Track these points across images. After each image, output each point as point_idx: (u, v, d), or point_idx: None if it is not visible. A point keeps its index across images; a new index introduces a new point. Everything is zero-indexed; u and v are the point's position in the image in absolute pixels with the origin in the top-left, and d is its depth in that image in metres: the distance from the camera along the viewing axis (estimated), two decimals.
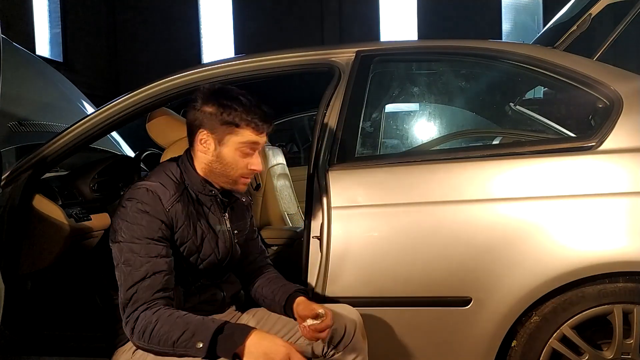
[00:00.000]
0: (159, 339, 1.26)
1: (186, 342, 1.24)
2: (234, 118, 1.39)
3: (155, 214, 1.36)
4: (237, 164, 1.43)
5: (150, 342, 1.28)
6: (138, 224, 1.34)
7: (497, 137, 2.28)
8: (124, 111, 1.92)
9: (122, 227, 1.36)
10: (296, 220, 3.15)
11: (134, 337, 1.31)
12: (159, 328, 1.27)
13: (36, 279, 2.16)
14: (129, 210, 1.36)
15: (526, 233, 1.57)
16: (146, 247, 1.33)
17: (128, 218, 1.36)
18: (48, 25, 9.67)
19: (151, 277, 1.31)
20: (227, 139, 1.41)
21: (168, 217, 1.38)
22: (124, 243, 1.35)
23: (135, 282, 1.31)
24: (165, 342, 1.26)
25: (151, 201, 1.37)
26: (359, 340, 1.51)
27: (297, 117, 4.38)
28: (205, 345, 1.23)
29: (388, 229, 1.65)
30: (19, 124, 2.20)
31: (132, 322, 1.30)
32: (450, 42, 1.94)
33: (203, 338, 1.23)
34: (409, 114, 2.79)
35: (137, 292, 1.30)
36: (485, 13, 10.13)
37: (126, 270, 1.33)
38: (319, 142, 1.76)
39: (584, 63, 1.78)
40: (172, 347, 1.26)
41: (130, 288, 1.31)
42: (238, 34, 10.86)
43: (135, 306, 1.30)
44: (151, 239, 1.34)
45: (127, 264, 1.33)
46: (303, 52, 1.93)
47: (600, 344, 1.64)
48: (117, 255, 1.36)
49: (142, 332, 1.28)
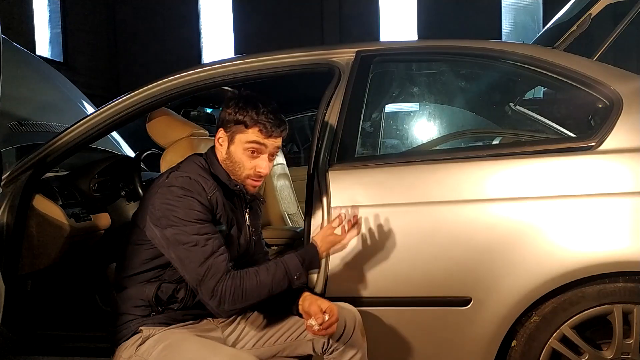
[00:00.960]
0: (255, 292, 1.39)
1: (281, 282, 1.42)
2: (244, 117, 1.47)
3: (200, 199, 1.42)
4: (244, 164, 1.49)
5: (245, 300, 1.38)
6: (186, 208, 1.40)
7: (497, 137, 2.28)
8: (124, 111, 1.92)
9: (169, 213, 1.40)
10: (296, 220, 3.16)
11: (225, 304, 1.37)
12: (249, 284, 1.38)
13: (36, 279, 2.16)
14: (174, 196, 1.42)
15: (526, 233, 1.57)
16: (200, 227, 1.40)
17: (174, 203, 1.41)
18: (48, 25, 9.67)
19: (217, 252, 1.39)
20: (237, 138, 1.48)
21: (210, 203, 1.45)
22: (177, 227, 1.39)
23: (206, 257, 1.37)
24: (259, 292, 1.39)
25: (195, 187, 1.43)
26: (358, 338, 1.52)
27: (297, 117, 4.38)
28: (302, 273, 1.45)
29: (388, 229, 1.65)
30: (19, 124, 2.20)
31: (211, 292, 1.37)
32: (450, 42, 1.94)
33: (297, 270, 1.44)
34: (409, 114, 2.79)
35: (210, 267, 1.37)
36: (485, 13, 10.13)
37: (190, 250, 1.38)
38: (319, 142, 1.76)
39: (584, 63, 1.78)
40: (267, 292, 1.40)
41: (202, 265, 1.37)
42: (238, 34, 10.86)
43: (216, 279, 1.37)
44: (201, 220, 1.41)
45: (190, 245, 1.38)
46: (303, 52, 1.94)
47: (600, 344, 1.64)
48: (172, 239, 1.40)
49: (237, 296, 1.37)
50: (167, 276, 1.48)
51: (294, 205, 3.28)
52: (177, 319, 1.49)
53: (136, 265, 1.49)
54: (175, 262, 1.42)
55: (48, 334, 2.00)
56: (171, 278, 1.48)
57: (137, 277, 1.49)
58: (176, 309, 1.48)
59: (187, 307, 1.49)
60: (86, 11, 10.28)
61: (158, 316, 1.47)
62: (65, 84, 2.93)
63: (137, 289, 1.48)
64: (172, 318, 1.48)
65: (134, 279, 1.49)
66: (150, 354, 1.40)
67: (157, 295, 1.46)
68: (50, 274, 2.18)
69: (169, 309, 1.48)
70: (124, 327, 1.48)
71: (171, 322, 1.48)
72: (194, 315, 1.51)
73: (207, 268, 1.37)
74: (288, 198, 3.23)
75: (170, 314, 1.48)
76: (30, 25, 8.80)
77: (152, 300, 1.46)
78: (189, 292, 1.47)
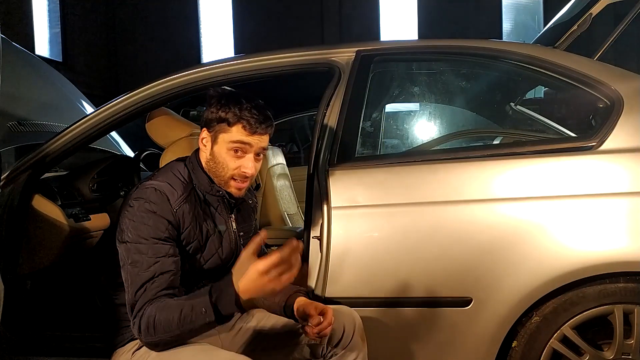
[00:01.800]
0: (163, 327, 1.28)
1: (189, 315, 1.26)
2: (226, 115, 1.39)
3: (163, 214, 1.36)
4: (228, 164, 1.42)
5: (156, 333, 1.28)
6: (145, 224, 1.34)
7: (498, 137, 2.28)
8: (123, 111, 1.91)
9: (130, 226, 1.35)
10: (296, 220, 3.15)
11: (141, 335, 1.31)
12: (159, 317, 1.28)
13: (36, 279, 2.16)
14: (137, 210, 1.36)
15: (527, 233, 1.57)
16: (153, 247, 1.33)
17: (135, 217, 1.35)
18: (47, 25, 9.66)
19: (158, 277, 1.32)
20: (220, 137, 1.42)
21: (175, 218, 1.38)
22: (130, 243, 1.34)
23: (143, 282, 1.31)
24: (169, 326, 1.27)
25: (159, 201, 1.37)
26: (358, 342, 1.50)
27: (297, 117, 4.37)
28: (209, 308, 1.25)
29: (388, 229, 1.64)
30: (19, 123, 2.19)
31: (138, 321, 1.30)
32: (450, 41, 1.93)
33: (203, 304, 1.25)
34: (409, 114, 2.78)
35: (145, 291, 1.31)
36: (486, 12, 10.12)
37: (133, 271, 1.33)
38: (319, 142, 1.75)
39: (584, 63, 1.77)
40: (178, 328, 1.27)
41: (139, 290, 1.31)
42: (238, 34, 10.85)
43: (141, 305, 1.30)
44: (158, 239, 1.34)
45: (135, 265, 1.33)
46: (303, 52, 1.93)
47: (600, 345, 1.63)
48: (124, 255, 1.35)
49: (147, 327, 1.29)
50: None
51: (294, 205, 3.28)
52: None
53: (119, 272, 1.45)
54: (123, 280, 1.36)
55: (48, 334, 1.99)
56: None
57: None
58: None
59: None
60: (86, 11, 10.27)
61: None
62: (65, 84, 2.92)
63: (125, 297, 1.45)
64: None
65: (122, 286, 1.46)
66: (145, 359, 1.39)
67: None
68: (49, 274, 2.17)
69: None
70: (119, 333, 1.46)
71: None
72: None
73: (142, 292, 1.30)
74: (288, 198, 3.23)
75: None
76: (30, 25, 8.79)
77: None
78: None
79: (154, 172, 1.51)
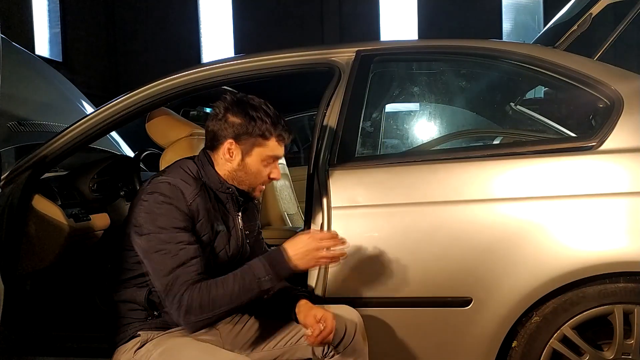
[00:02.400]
0: (220, 303, 1.32)
1: (250, 284, 1.34)
2: (262, 131, 1.44)
3: (179, 206, 1.39)
4: (260, 174, 1.49)
5: (213, 309, 1.32)
6: (164, 215, 1.37)
7: (498, 137, 2.28)
8: (123, 111, 1.91)
9: (147, 219, 1.38)
10: (296, 220, 3.15)
11: (186, 316, 1.32)
12: (212, 295, 1.32)
13: (36, 279, 2.16)
14: (152, 203, 1.39)
15: (527, 233, 1.57)
16: (175, 235, 1.36)
17: (151, 210, 1.38)
18: (48, 25, 9.66)
19: (189, 262, 1.35)
20: (254, 150, 1.46)
21: (190, 211, 1.40)
22: (152, 234, 1.36)
23: (174, 267, 1.33)
24: (227, 300, 1.32)
25: (173, 194, 1.39)
26: (359, 342, 1.51)
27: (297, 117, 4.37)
28: (270, 274, 1.34)
29: (388, 229, 1.64)
30: (19, 124, 2.19)
31: (177, 302, 1.32)
32: (450, 41, 1.93)
33: (262, 272, 1.34)
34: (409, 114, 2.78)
35: (178, 277, 1.33)
36: (486, 12, 10.13)
37: (161, 259, 1.34)
38: (319, 142, 1.75)
39: (584, 63, 1.77)
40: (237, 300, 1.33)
41: (170, 273, 1.33)
42: (238, 33, 10.85)
43: (183, 289, 1.32)
44: (178, 227, 1.37)
45: (162, 252, 1.35)
46: (303, 52, 1.93)
47: (600, 345, 1.63)
48: (146, 247, 1.37)
49: (204, 306, 1.31)
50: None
51: (294, 205, 3.28)
52: (174, 323, 1.45)
53: (126, 269, 1.48)
54: (149, 270, 1.39)
55: (48, 334, 1.99)
56: None
57: (129, 281, 1.48)
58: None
59: None
60: (85, 11, 10.28)
61: (155, 320, 1.46)
62: (65, 84, 2.92)
63: (130, 293, 1.47)
64: (170, 322, 1.45)
65: (127, 283, 1.49)
66: (148, 358, 1.39)
67: (149, 299, 1.45)
68: (49, 274, 2.17)
69: (165, 312, 1.45)
70: (121, 331, 1.46)
71: (169, 327, 1.46)
72: None
73: (175, 277, 1.33)
74: (288, 198, 3.23)
75: (167, 318, 1.46)
76: (30, 25, 8.79)
77: (146, 305, 1.45)
78: None
79: (163, 169, 1.52)
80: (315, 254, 1.37)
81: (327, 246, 1.38)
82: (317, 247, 1.37)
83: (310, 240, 1.38)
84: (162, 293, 1.36)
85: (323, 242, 1.38)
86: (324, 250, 1.38)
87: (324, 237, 1.39)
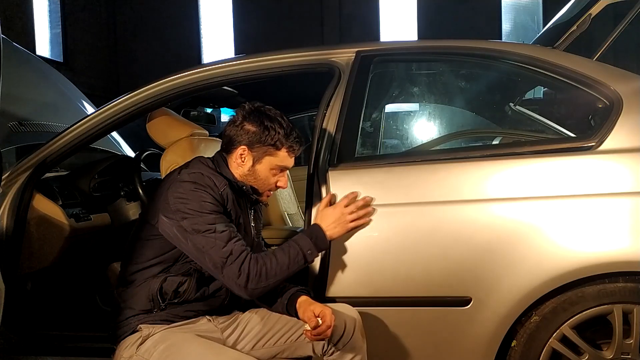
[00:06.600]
0: (275, 272, 1.45)
1: (296, 258, 1.48)
2: (275, 141, 1.52)
3: (213, 193, 1.48)
4: (268, 181, 1.58)
5: (268, 279, 1.44)
6: (203, 199, 1.45)
7: (497, 137, 2.28)
8: (124, 111, 1.92)
9: (186, 204, 1.44)
10: (296, 220, 3.15)
11: (251, 284, 1.42)
12: (270, 265, 1.44)
13: (36, 279, 2.16)
14: (187, 190, 1.46)
15: (526, 233, 1.57)
16: (217, 217, 1.45)
17: (188, 196, 1.45)
18: (48, 25, 9.66)
19: (235, 237, 1.45)
20: (266, 159, 1.54)
21: (222, 198, 1.49)
22: (196, 217, 1.43)
23: (226, 241, 1.42)
24: (280, 270, 1.45)
25: (207, 182, 1.48)
26: (358, 339, 1.52)
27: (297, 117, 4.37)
28: (313, 249, 1.51)
29: (388, 229, 1.65)
30: (19, 124, 2.20)
31: (237, 272, 1.41)
32: (450, 42, 1.94)
33: (308, 246, 1.50)
34: (409, 114, 2.79)
35: (232, 250, 1.42)
36: (485, 13, 10.12)
37: (211, 236, 1.42)
38: (319, 142, 1.76)
39: (584, 63, 1.77)
40: (287, 270, 1.47)
41: (224, 248, 1.42)
42: (238, 34, 10.85)
43: (240, 260, 1.42)
44: (215, 211, 1.46)
45: (210, 232, 1.42)
46: (303, 52, 1.93)
47: (600, 344, 1.64)
48: (190, 229, 1.43)
49: (261, 275, 1.43)
50: (174, 270, 1.51)
51: (294, 205, 3.28)
52: (179, 315, 1.50)
53: (144, 260, 1.52)
54: (194, 252, 1.45)
55: (48, 334, 2.00)
56: (177, 272, 1.50)
57: (144, 272, 1.51)
58: (177, 302, 1.49)
59: (189, 301, 1.51)
60: (86, 11, 10.27)
61: (160, 313, 1.49)
62: (65, 84, 2.93)
63: (143, 284, 1.50)
64: (174, 314, 1.49)
65: (140, 274, 1.52)
66: (151, 354, 1.41)
67: (161, 288, 1.48)
68: (50, 274, 2.18)
69: (171, 304, 1.49)
70: (124, 324, 1.49)
71: (172, 319, 1.49)
72: (195, 312, 1.53)
73: (229, 251, 1.41)
74: (288, 198, 3.23)
75: (172, 310, 1.49)
76: (30, 25, 8.79)
77: (156, 295, 1.48)
78: (192, 285, 1.50)
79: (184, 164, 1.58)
80: (343, 219, 1.55)
81: (350, 211, 1.56)
82: (342, 213, 1.56)
83: (335, 211, 1.56)
84: (217, 268, 1.43)
85: (346, 208, 1.56)
86: (349, 214, 1.55)
87: (346, 203, 1.57)
